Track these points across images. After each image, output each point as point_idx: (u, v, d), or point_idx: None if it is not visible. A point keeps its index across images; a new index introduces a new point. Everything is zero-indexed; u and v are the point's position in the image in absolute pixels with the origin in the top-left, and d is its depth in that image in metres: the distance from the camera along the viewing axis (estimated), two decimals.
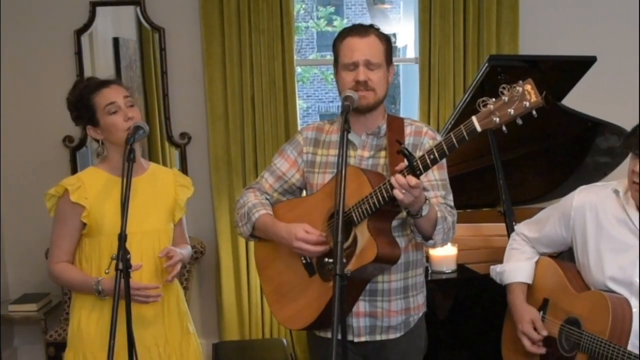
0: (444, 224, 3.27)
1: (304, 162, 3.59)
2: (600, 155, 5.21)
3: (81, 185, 3.65)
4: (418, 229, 3.26)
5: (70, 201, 3.61)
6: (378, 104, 3.43)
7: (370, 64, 3.33)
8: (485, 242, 5.03)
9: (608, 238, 3.41)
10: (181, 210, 3.85)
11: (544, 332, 3.53)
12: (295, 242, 3.28)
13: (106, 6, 6.18)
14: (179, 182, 3.86)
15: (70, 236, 3.67)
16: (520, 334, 3.59)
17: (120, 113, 3.56)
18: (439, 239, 3.30)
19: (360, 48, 3.34)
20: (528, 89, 2.80)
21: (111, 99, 3.57)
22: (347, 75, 3.37)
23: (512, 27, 5.93)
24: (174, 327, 3.77)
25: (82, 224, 3.64)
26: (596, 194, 3.53)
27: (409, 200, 2.99)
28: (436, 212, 3.22)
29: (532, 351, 3.55)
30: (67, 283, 3.81)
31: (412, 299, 3.53)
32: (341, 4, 20.74)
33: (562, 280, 3.59)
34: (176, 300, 3.82)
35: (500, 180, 4.59)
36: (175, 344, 3.77)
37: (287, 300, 3.53)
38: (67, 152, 6.32)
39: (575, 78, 4.90)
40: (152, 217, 3.73)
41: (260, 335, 6.31)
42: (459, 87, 5.97)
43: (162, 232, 3.75)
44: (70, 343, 3.70)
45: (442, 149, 2.96)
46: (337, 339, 2.66)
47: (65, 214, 3.66)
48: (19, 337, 6.59)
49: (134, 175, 3.47)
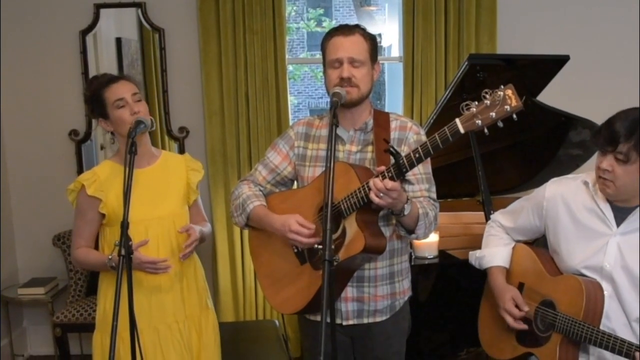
0: (425, 220, 3.27)
1: (296, 155, 3.58)
2: (572, 148, 5.20)
3: (97, 179, 3.71)
4: (401, 224, 3.26)
5: (87, 195, 3.68)
6: (362, 100, 3.41)
7: (354, 61, 3.32)
8: (464, 230, 5.02)
9: (579, 226, 3.41)
10: (194, 192, 3.88)
11: (525, 307, 3.52)
12: (289, 233, 3.28)
13: (109, 8, 6.17)
14: (190, 166, 3.90)
15: (90, 226, 3.77)
16: (502, 311, 3.58)
17: (127, 107, 3.60)
18: (420, 233, 3.31)
19: (345, 46, 3.33)
20: (509, 93, 2.80)
21: (119, 95, 3.61)
22: (332, 73, 3.36)
23: (490, 28, 5.91)
24: (193, 303, 3.82)
25: (100, 214, 3.72)
26: (567, 186, 3.53)
27: (386, 202, 2.99)
28: (418, 209, 3.23)
29: (515, 327, 3.53)
30: (88, 264, 3.85)
31: (398, 284, 3.53)
32: (330, 6, 20.72)
33: (537, 265, 3.59)
34: (195, 278, 3.86)
35: (479, 172, 4.59)
36: (194, 319, 3.82)
37: (280, 286, 3.52)
38: (73, 145, 6.32)
39: (549, 75, 4.90)
40: (167, 203, 3.77)
41: (253, 317, 6.31)
42: (441, 84, 5.95)
43: (177, 216, 3.78)
44: (98, 325, 3.77)
45: (427, 148, 2.96)
46: (327, 322, 2.65)
47: (84, 206, 3.73)
48: (27, 319, 6.61)
49: (147, 165, 3.75)
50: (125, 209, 3.22)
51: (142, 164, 3.74)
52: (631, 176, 3.13)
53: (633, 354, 3.03)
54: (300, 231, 3.25)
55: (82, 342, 6.35)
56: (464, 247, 4.69)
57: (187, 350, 3.75)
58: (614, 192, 3.21)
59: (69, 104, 6.27)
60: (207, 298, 3.92)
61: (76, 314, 5.63)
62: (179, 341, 3.73)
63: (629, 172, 3.12)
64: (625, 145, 3.09)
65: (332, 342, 2.80)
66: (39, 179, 6.37)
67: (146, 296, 3.67)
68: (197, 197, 3.91)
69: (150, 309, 3.69)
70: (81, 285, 5.96)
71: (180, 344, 3.73)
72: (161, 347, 3.70)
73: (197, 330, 3.81)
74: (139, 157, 3.64)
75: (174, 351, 3.72)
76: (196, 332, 3.80)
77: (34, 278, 6.21)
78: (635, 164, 3.10)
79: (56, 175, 6.32)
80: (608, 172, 3.16)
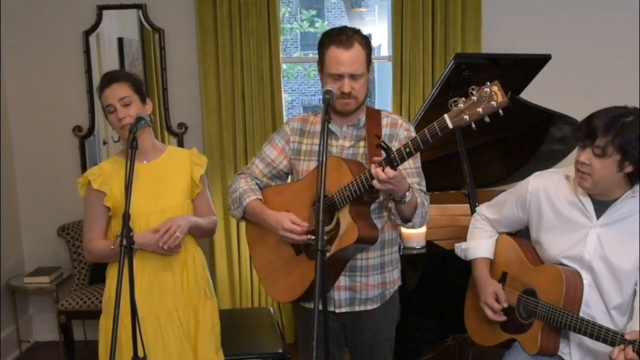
0: (422, 209, 3.28)
1: (291, 150, 3.57)
2: (554, 143, 5.21)
3: (102, 173, 3.72)
4: (399, 213, 3.26)
5: (93, 189, 3.68)
6: (359, 108, 3.41)
7: (355, 76, 3.29)
8: (451, 221, 5.02)
9: (560, 218, 3.42)
10: (197, 186, 3.84)
11: (504, 303, 3.52)
12: (282, 231, 3.28)
13: (112, 9, 6.17)
14: (194, 160, 3.87)
15: (98, 219, 3.75)
16: (483, 304, 3.59)
17: (115, 114, 3.59)
18: (417, 221, 3.31)
19: (346, 61, 3.26)
20: (495, 90, 2.79)
21: (107, 102, 3.61)
22: (332, 83, 3.31)
23: (475, 29, 5.91)
24: (193, 292, 3.81)
25: (106, 207, 3.71)
26: (549, 179, 3.54)
27: (387, 189, 2.99)
28: (417, 197, 3.23)
29: (494, 319, 3.55)
30: (98, 255, 3.77)
31: (388, 274, 3.54)
32: (322, 8, 20.71)
33: (520, 255, 3.60)
34: (194, 267, 3.84)
35: (465, 166, 4.59)
36: (194, 307, 3.81)
37: (277, 276, 3.52)
38: (77, 141, 6.32)
39: (532, 74, 4.90)
40: (169, 196, 3.75)
41: (249, 305, 6.32)
42: (428, 82, 5.95)
43: (179, 208, 3.75)
44: (105, 309, 3.76)
45: (417, 143, 2.95)
46: (319, 309, 2.66)
47: (92, 200, 3.72)
48: (33, 306, 6.61)
49: (150, 159, 3.73)
50: (126, 201, 3.21)
51: (145, 158, 3.74)
52: (607, 170, 3.14)
53: (611, 340, 3.04)
54: (293, 229, 3.25)
55: (85, 328, 6.40)
56: (450, 238, 4.69)
57: (186, 336, 3.74)
58: (590, 185, 3.21)
59: (73, 101, 6.28)
60: (208, 287, 3.91)
61: (79, 301, 5.63)
62: (178, 327, 3.73)
63: (605, 166, 3.13)
64: (603, 140, 3.09)
65: (325, 328, 2.81)
66: (44, 173, 6.39)
67: (148, 285, 3.68)
68: (202, 190, 3.86)
69: (152, 297, 3.68)
70: (84, 275, 5.96)
71: (179, 330, 3.72)
72: (162, 334, 3.70)
73: (195, 318, 3.80)
74: (142, 152, 3.68)
75: (173, 337, 3.71)
76: (194, 319, 3.80)
77: (40, 267, 6.21)
78: (611, 158, 3.11)
79: (60, 169, 6.35)
80: (586, 165, 3.17)
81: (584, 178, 3.21)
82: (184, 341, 3.74)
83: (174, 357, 3.73)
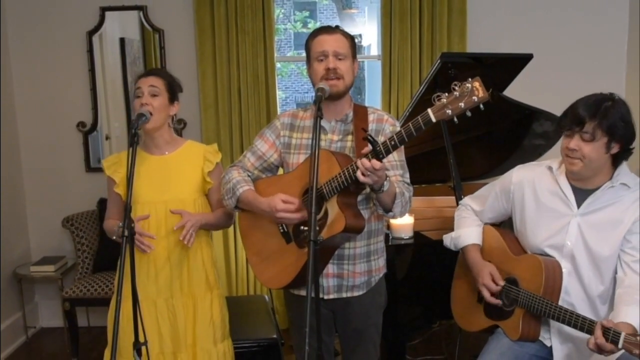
0: (401, 198, 3.26)
1: (281, 144, 3.55)
2: (536, 139, 5.20)
3: (117, 161, 3.82)
4: (380, 203, 3.24)
5: (107, 175, 3.79)
6: (347, 91, 3.42)
7: (339, 54, 3.33)
8: (437, 213, 5.01)
9: (543, 208, 3.42)
10: (207, 182, 3.83)
11: (501, 282, 3.50)
12: (277, 213, 3.25)
13: (114, 11, 6.18)
14: (207, 157, 3.86)
15: (113, 203, 3.87)
16: (480, 286, 3.55)
17: (140, 99, 3.65)
18: (397, 211, 3.29)
19: (329, 41, 3.35)
20: (476, 85, 2.79)
21: (138, 85, 3.67)
22: (318, 66, 3.35)
23: (460, 30, 5.92)
24: (197, 280, 3.81)
25: (117, 193, 3.78)
26: (532, 171, 3.54)
27: (372, 180, 2.99)
28: (395, 187, 3.21)
29: (491, 302, 3.51)
30: (109, 233, 3.84)
31: (374, 262, 3.53)
32: (315, 9, 20.70)
33: (502, 245, 3.59)
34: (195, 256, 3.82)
35: (451, 160, 4.57)
36: (196, 294, 3.81)
37: (267, 263, 3.50)
38: (80, 136, 6.33)
39: (514, 72, 4.89)
40: (176, 189, 3.76)
41: (245, 292, 6.32)
42: (416, 80, 5.95)
43: (185, 202, 3.75)
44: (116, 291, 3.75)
45: (402, 136, 2.94)
46: (312, 296, 2.65)
47: (108, 184, 3.84)
48: (39, 294, 6.60)
49: (164, 152, 3.82)
50: (128, 193, 3.22)
51: (158, 151, 3.80)
52: (596, 152, 3.15)
53: (587, 328, 3.04)
54: (287, 208, 3.23)
55: (89, 315, 6.40)
56: (437, 228, 4.68)
57: (181, 324, 3.76)
58: (580, 169, 3.21)
59: (77, 98, 6.29)
60: (210, 279, 3.87)
61: (83, 289, 5.62)
62: (173, 314, 3.75)
63: (595, 149, 3.14)
64: (591, 125, 3.11)
65: (317, 315, 2.79)
66: (49, 166, 6.38)
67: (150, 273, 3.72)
68: (213, 185, 3.83)
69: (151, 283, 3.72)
70: (88, 264, 5.95)
71: (174, 317, 3.75)
72: (157, 319, 3.73)
73: (194, 307, 3.80)
74: (158, 145, 3.79)
75: (169, 323, 3.75)
76: (193, 308, 3.79)
77: (45, 257, 6.22)
78: (600, 141, 3.13)
79: (65, 163, 6.35)
80: (575, 151, 3.17)
81: (574, 163, 3.21)
82: (178, 329, 3.76)
83: (168, 342, 3.75)
